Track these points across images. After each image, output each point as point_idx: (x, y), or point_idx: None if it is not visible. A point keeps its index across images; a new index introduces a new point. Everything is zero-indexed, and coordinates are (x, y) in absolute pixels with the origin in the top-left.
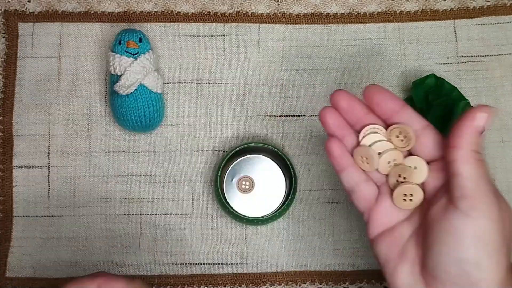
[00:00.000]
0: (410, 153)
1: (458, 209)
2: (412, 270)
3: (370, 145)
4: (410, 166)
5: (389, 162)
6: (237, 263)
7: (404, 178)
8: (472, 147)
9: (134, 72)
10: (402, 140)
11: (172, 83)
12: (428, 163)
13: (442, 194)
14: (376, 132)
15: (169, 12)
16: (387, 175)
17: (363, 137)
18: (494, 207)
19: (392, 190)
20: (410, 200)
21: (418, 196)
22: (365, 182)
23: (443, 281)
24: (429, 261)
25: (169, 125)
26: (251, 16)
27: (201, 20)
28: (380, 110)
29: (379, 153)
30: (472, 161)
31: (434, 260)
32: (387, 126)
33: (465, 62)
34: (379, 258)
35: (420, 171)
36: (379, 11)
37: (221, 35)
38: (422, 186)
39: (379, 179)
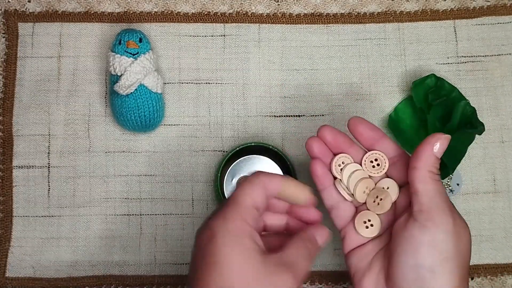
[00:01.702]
0: (386, 176)
1: (416, 221)
2: (377, 280)
3: (349, 176)
4: (383, 188)
5: (364, 191)
6: None
7: (381, 199)
8: (429, 168)
9: (134, 72)
10: (374, 167)
11: (172, 83)
12: (401, 186)
13: (406, 211)
14: (349, 161)
15: (169, 12)
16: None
17: (335, 164)
18: (448, 220)
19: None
20: (371, 225)
21: (376, 222)
22: (344, 201)
23: (402, 287)
24: (391, 269)
25: (169, 125)
26: (251, 16)
27: (201, 20)
28: (362, 139)
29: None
30: (429, 180)
31: (395, 267)
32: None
33: (465, 62)
34: (349, 269)
35: (392, 191)
36: (379, 11)
37: (221, 35)
38: (394, 205)
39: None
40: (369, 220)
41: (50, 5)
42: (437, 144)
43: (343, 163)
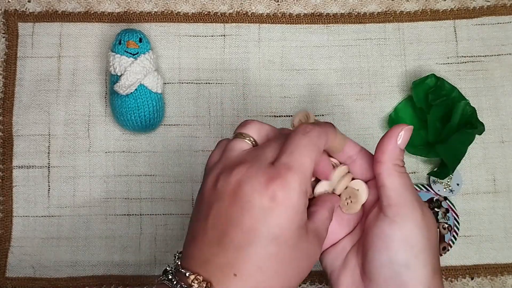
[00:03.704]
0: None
1: (386, 216)
2: (353, 277)
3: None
4: (357, 190)
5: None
6: None
7: (351, 201)
8: (394, 161)
9: (134, 72)
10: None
11: (172, 83)
12: (366, 182)
13: (375, 206)
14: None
15: (169, 12)
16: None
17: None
18: (417, 213)
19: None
20: (351, 201)
21: (359, 198)
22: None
23: (378, 283)
24: (366, 265)
25: (169, 125)
26: (251, 16)
27: (201, 20)
28: None
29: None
30: (395, 173)
31: (370, 264)
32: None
33: (465, 62)
34: (326, 270)
35: (362, 193)
36: (379, 11)
37: (221, 35)
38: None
39: None
40: (350, 198)
41: (50, 5)
42: (400, 136)
43: None
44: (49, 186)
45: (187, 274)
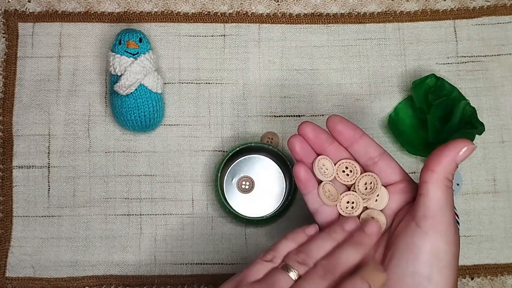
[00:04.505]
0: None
1: (418, 227)
2: None
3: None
4: (377, 209)
5: (347, 203)
6: (237, 263)
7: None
8: (446, 174)
9: (134, 72)
10: (347, 175)
11: (172, 83)
12: (385, 186)
13: (404, 213)
14: (329, 164)
15: (169, 12)
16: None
17: (317, 167)
18: (451, 230)
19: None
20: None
21: (382, 218)
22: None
23: None
24: (387, 273)
25: (169, 125)
26: (251, 16)
27: (201, 20)
28: (341, 138)
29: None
30: (442, 186)
31: (392, 272)
32: (349, 153)
33: (465, 62)
34: None
35: (382, 199)
36: (379, 11)
37: (221, 35)
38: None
39: None
40: (372, 218)
41: (50, 5)
42: (462, 151)
43: (323, 165)
44: (49, 186)
45: None
